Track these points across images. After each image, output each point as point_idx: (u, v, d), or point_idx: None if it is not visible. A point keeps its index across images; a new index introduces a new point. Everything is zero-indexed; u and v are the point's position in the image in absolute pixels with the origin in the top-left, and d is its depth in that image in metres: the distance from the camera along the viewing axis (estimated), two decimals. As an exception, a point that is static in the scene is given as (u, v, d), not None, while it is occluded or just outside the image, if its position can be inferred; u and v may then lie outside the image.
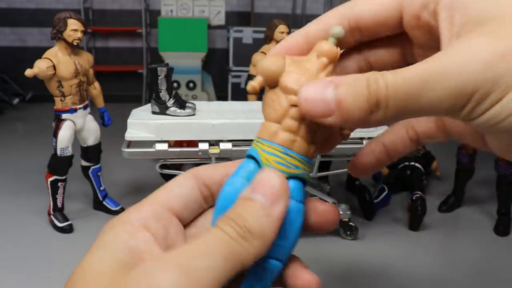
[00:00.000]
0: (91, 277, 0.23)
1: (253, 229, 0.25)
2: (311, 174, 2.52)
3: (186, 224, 0.29)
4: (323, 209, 0.30)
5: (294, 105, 0.28)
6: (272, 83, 0.29)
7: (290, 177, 0.28)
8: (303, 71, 0.28)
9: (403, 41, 0.30)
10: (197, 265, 0.23)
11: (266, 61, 0.29)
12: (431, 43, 0.26)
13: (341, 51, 0.30)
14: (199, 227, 0.30)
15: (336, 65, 0.30)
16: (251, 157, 0.29)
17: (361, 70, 0.31)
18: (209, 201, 0.30)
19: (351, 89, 0.24)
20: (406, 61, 0.31)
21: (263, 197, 0.26)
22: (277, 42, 2.94)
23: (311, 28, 0.30)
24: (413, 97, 0.23)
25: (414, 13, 0.26)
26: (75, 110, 2.55)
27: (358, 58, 0.31)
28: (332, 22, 0.29)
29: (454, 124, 0.30)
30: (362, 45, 0.31)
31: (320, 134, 0.29)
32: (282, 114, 0.28)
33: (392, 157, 0.33)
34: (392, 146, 0.33)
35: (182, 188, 0.29)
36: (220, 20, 5.68)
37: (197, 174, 0.30)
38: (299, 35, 0.30)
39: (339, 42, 0.28)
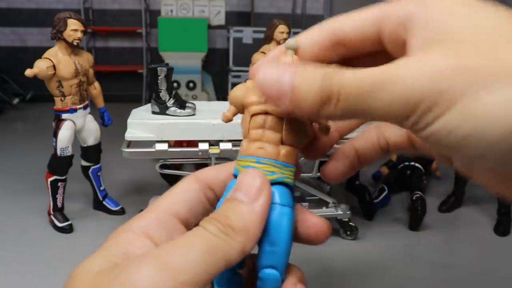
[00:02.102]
0: (81, 277, 0.24)
1: (235, 224, 0.25)
2: (311, 174, 2.52)
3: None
4: (314, 221, 0.30)
5: (254, 115, 0.29)
6: (242, 108, 0.31)
7: (271, 183, 0.28)
8: None
9: (388, 55, 0.30)
10: (175, 260, 0.23)
11: (234, 91, 0.31)
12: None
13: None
14: None
15: None
16: (236, 176, 0.30)
17: None
18: (214, 203, 0.31)
19: (307, 77, 0.25)
20: None
21: (244, 195, 0.26)
22: (277, 42, 2.94)
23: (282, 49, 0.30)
24: (362, 98, 0.23)
25: (390, 29, 0.27)
26: (75, 110, 2.55)
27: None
28: (312, 37, 0.29)
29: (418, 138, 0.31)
30: (346, 61, 0.31)
31: (287, 134, 0.29)
32: (248, 128, 0.30)
33: (362, 164, 0.32)
34: (363, 153, 0.33)
35: (185, 192, 0.30)
36: (220, 20, 5.68)
37: (200, 177, 0.30)
38: (271, 58, 0.30)
39: (314, 56, 0.29)
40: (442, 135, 0.22)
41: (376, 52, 0.29)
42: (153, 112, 2.41)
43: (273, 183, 0.28)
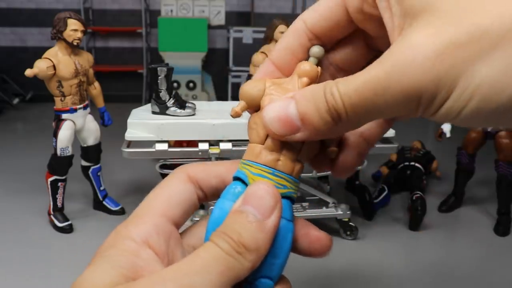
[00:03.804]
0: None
1: (248, 243, 0.25)
2: (311, 174, 2.52)
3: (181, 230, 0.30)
4: (317, 236, 0.30)
5: None
6: (255, 107, 0.29)
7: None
8: (284, 92, 0.29)
9: (364, 34, 0.30)
10: (194, 282, 0.23)
11: (247, 86, 0.30)
12: (385, 32, 0.26)
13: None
14: (196, 235, 0.30)
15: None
16: (238, 179, 0.29)
17: (332, 77, 0.31)
18: (202, 201, 0.31)
19: (312, 103, 0.25)
20: (373, 52, 0.30)
21: (255, 209, 0.26)
22: (277, 42, 2.94)
23: (275, 55, 0.30)
24: (368, 107, 0.24)
25: (356, 8, 0.26)
26: (75, 110, 2.55)
27: (325, 64, 0.31)
28: (293, 42, 0.29)
29: None
30: (326, 52, 0.31)
31: (305, 152, 0.29)
32: (264, 135, 0.29)
33: (371, 144, 0.31)
34: (369, 134, 0.31)
35: (181, 194, 0.29)
36: (220, 20, 5.68)
37: (192, 176, 0.30)
38: (268, 64, 0.30)
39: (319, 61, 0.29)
40: (452, 117, 0.22)
41: (350, 35, 0.29)
42: (153, 112, 2.41)
43: (282, 196, 0.28)
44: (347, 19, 0.28)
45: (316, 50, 0.29)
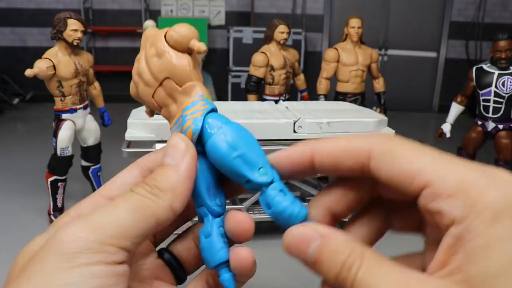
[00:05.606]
0: (22, 255, 0.29)
1: (162, 185, 0.27)
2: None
3: None
4: (241, 218, 0.31)
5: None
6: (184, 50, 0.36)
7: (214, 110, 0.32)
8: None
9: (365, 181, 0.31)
10: (101, 218, 0.25)
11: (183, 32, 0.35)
12: (405, 206, 0.28)
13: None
14: None
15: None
16: (213, 110, 0.32)
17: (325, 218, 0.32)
18: None
19: (332, 256, 0.27)
20: (372, 196, 0.32)
21: (171, 159, 0.29)
22: (277, 42, 2.94)
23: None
24: None
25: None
26: (75, 110, 2.55)
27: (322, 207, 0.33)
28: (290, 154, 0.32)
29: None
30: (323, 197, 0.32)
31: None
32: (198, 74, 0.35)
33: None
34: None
35: (124, 178, 0.32)
36: (220, 20, 5.68)
37: (140, 162, 0.33)
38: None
39: None
40: None
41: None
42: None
43: (212, 110, 0.32)
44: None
45: (149, 23, 0.35)
